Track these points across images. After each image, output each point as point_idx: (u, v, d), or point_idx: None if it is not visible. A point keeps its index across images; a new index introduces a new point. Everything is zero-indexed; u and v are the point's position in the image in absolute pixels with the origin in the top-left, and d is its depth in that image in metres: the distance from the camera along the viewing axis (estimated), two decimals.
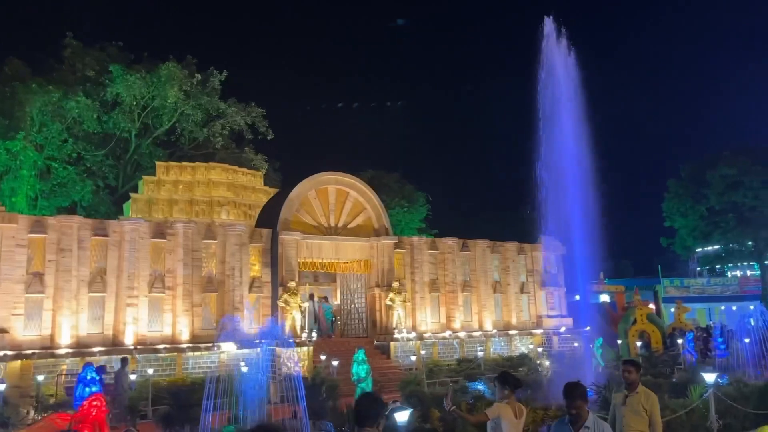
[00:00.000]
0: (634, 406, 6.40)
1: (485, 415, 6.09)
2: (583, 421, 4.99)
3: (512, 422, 6.00)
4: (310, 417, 12.51)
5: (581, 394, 5.07)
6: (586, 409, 5.06)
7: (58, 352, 19.33)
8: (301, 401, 13.12)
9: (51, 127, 33.37)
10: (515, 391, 6.19)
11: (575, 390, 5.09)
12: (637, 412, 6.35)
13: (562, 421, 5.20)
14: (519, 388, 6.31)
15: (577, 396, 5.03)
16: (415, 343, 25.31)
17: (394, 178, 46.07)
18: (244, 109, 39.75)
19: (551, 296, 31.14)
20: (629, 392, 6.52)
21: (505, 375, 6.31)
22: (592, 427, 4.94)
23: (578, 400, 5.00)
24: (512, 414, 6.01)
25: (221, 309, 22.77)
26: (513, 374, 6.45)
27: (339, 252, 25.90)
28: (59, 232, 20.24)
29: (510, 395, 6.12)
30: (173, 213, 31.65)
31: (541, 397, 14.68)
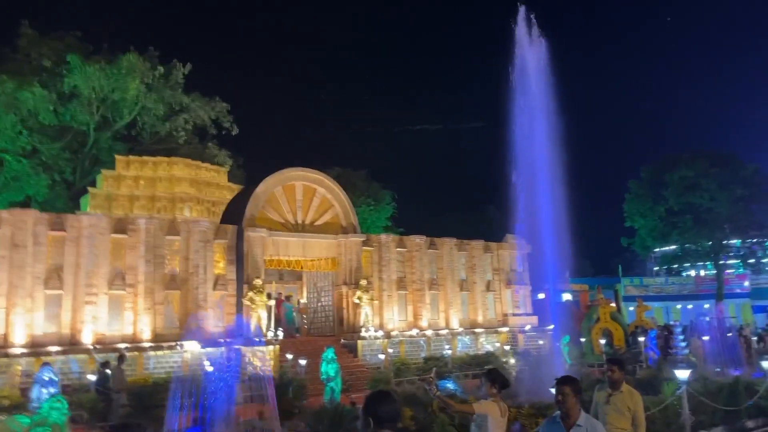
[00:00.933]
0: (617, 405, 6.33)
1: (471, 408, 5.93)
2: (574, 420, 4.86)
3: (498, 421, 5.86)
4: (280, 417, 12.22)
5: (571, 384, 4.96)
6: (577, 406, 4.93)
7: (12, 352, 18.49)
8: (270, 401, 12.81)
9: (4, 119, 32.06)
10: (501, 391, 6.05)
11: (564, 379, 5.00)
12: (621, 411, 6.29)
13: (553, 419, 5.07)
14: (507, 387, 6.17)
15: (565, 383, 4.93)
16: (382, 341, 25.13)
17: (361, 176, 45.84)
18: (208, 104, 38.98)
19: (517, 295, 31.37)
20: (613, 391, 6.45)
21: (494, 373, 6.16)
22: (584, 425, 4.82)
23: (565, 387, 4.89)
24: (498, 412, 5.88)
25: (185, 307, 22.18)
26: (502, 373, 6.31)
27: (306, 249, 25.54)
28: (13, 226, 19.38)
29: (497, 393, 5.98)
30: (134, 209, 30.77)
31: (511, 394, 14.68)
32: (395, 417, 3.35)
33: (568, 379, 5.09)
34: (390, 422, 3.29)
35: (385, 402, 3.35)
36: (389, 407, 3.34)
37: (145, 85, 36.38)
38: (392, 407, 3.34)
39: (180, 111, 38.69)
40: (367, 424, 3.30)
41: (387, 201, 46.86)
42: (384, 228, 43.31)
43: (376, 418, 3.32)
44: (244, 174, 41.91)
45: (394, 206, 47.56)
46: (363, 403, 3.43)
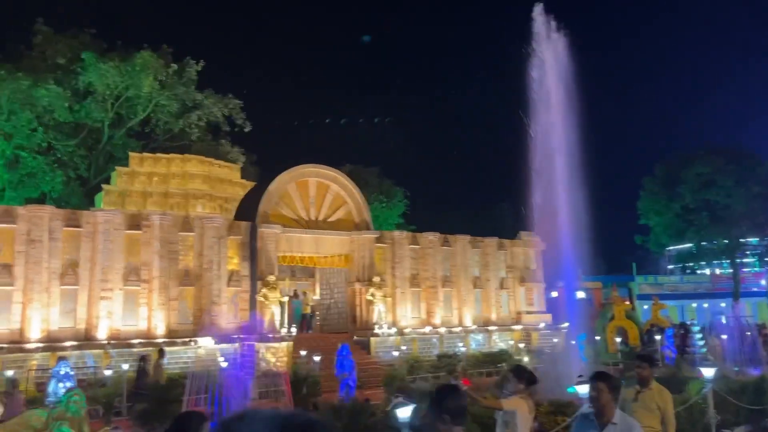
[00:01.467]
0: (646, 402, 6.17)
1: (500, 404, 5.82)
2: (609, 418, 4.69)
3: (526, 418, 5.74)
4: None
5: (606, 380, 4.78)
6: (612, 403, 4.77)
7: (28, 347, 18.60)
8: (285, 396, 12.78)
9: (20, 116, 32.19)
10: (529, 387, 5.92)
11: (599, 375, 4.83)
12: (650, 408, 6.12)
13: (585, 417, 4.92)
14: (534, 384, 6.05)
15: (600, 378, 4.76)
16: (395, 338, 25.05)
17: (373, 173, 45.73)
18: (221, 101, 38.94)
19: (530, 292, 31.16)
20: (642, 388, 6.29)
21: (521, 369, 6.05)
22: (619, 423, 4.66)
23: (600, 383, 4.72)
24: (527, 409, 5.76)
25: (198, 303, 22.20)
26: (529, 369, 6.17)
27: (319, 246, 25.49)
28: (29, 222, 19.48)
29: (525, 390, 5.86)
30: (147, 205, 30.82)
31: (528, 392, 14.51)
32: (464, 412, 3.20)
33: (603, 374, 4.93)
34: (459, 417, 3.15)
35: (454, 396, 3.20)
36: (458, 401, 3.19)
37: (159, 82, 36.43)
38: (461, 401, 3.19)
39: (193, 108, 38.71)
40: (441, 420, 3.12)
41: (399, 198, 46.75)
42: (396, 225, 43.16)
43: (447, 412, 3.15)
44: (256, 171, 41.90)
45: (406, 203, 47.42)
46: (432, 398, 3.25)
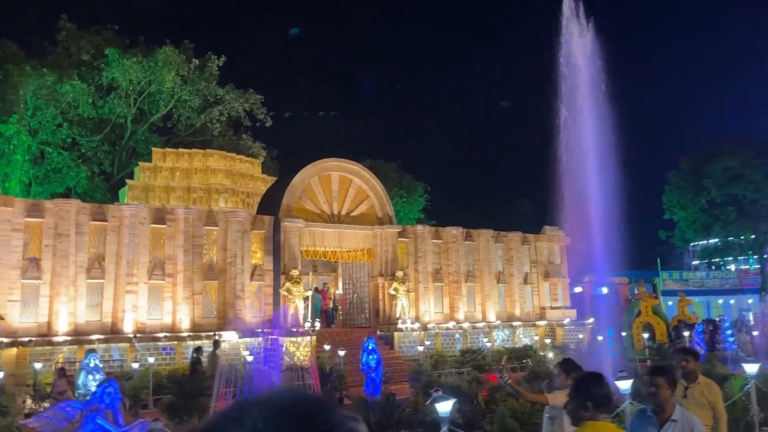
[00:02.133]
0: (696, 397, 5.91)
1: (545, 398, 5.61)
2: (669, 414, 4.46)
3: None
4: None
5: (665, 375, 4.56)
6: (671, 398, 4.54)
7: (56, 340, 18.76)
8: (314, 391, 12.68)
9: (45, 111, 32.55)
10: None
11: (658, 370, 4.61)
12: (701, 403, 5.86)
13: (642, 413, 4.71)
14: None
15: (659, 373, 4.54)
16: (419, 333, 24.89)
17: (393, 167, 45.55)
18: (242, 96, 39.01)
19: (555, 287, 30.82)
20: (689, 383, 6.03)
21: (569, 363, 5.84)
22: (680, 420, 4.42)
23: (659, 378, 4.49)
24: None
25: (222, 297, 22.24)
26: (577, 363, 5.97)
27: (342, 240, 25.40)
28: (56, 216, 19.62)
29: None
30: (170, 200, 30.99)
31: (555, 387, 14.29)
32: (610, 400, 3.11)
33: (661, 369, 4.71)
34: (605, 406, 3.08)
35: (599, 384, 3.14)
36: (604, 389, 3.13)
37: (181, 77, 36.59)
38: (607, 389, 3.14)
39: (215, 103, 38.84)
40: (585, 407, 3.06)
41: (419, 193, 46.54)
42: (416, 220, 42.97)
43: (594, 401, 3.11)
44: (277, 165, 41.98)
45: (427, 198, 47.19)
46: (575, 385, 3.21)
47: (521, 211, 55.85)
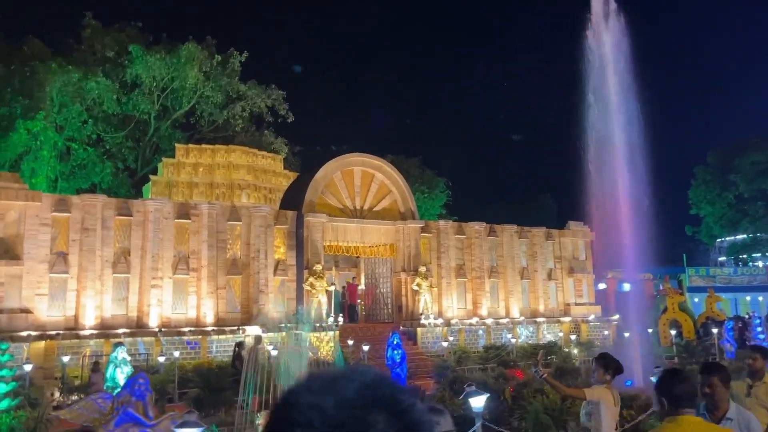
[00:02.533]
0: (761, 397, 5.63)
1: (583, 393, 5.46)
2: (723, 412, 4.26)
3: (611, 410, 5.39)
4: None
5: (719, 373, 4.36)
6: (726, 396, 4.34)
7: (83, 334, 18.96)
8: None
9: (71, 108, 32.94)
10: (615, 377, 5.56)
11: (712, 368, 4.42)
12: (765, 403, 5.60)
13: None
14: (621, 373, 5.67)
15: (713, 372, 4.35)
16: (442, 329, 24.75)
17: (414, 163, 45.37)
18: (264, 92, 39.10)
19: (579, 283, 30.46)
20: (754, 381, 5.76)
21: (607, 357, 5.68)
22: (735, 419, 4.22)
23: (713, 377, 4.30)
24: (612, 400, 5.40)
25: (246, 292, 22.31)
26: (615, 358, 5.80)
27: (364, 235, 25.33)
28: (83, 211, 19.82)
29: (611, 380, 5.50)
30: (193, 195, 31.20)
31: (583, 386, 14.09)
32: (694, 396, 3.05)
33: (715, 367, 4.50)
34: (689, 401, 2.97)
35: (681, 380, 3.03)
36: (686, 386, 3.07)
37: (204, 73, 36.78)
38: (689, 385, 3.02)
39: (237, 99, 38.99)
40: (662, 404, 2.97)
41: (441, 188, 46.32)
42: (438, 216, 42.78)
43: (672, 398, 3.06)
44: (299, 161, 42.05)
45: (448, 194, 46.95)
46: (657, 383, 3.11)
47: (544, 206, 55.36)
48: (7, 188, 18.61)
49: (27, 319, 18.18)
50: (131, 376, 7.07)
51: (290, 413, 1.05)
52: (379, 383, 1.09)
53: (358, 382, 1.08)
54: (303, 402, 1.05)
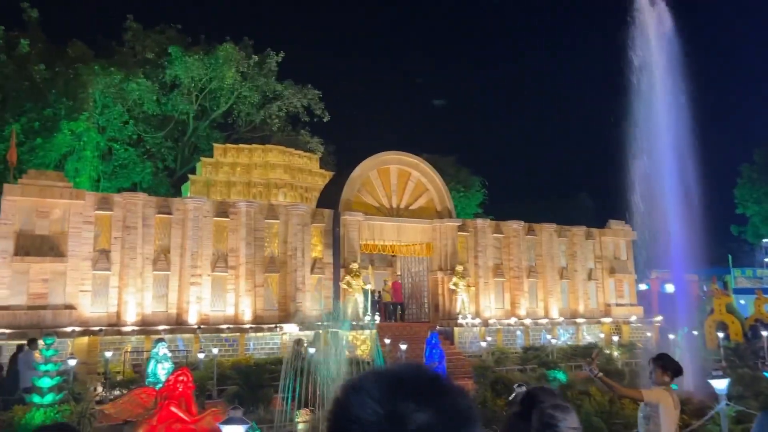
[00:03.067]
0: None
1: (640, 394, 5.19)
2: None
3: (671, 413, 5.10)
4: None
5: None
6: None
7: (124, 330, 19.26)
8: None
9: (113, 109, 33.61)
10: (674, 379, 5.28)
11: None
12: None
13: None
14: (680, 375, 5.38)
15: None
16: (479, 329, 24.42)
17: (450, 161, 44.96)
18: (300, 91, 39.30)
19: (620, 284, 29.74)
20: None
21: (666, 358, 5.39)
22: None
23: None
24: (672, 403, 5.12)
25: (283, 290, 22.37)
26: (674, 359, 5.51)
27: (401, 234, 25.16)
28: (125, 209, 20.14)
29: (670, 382, 5.21)
30: (231, 195, 31.53)
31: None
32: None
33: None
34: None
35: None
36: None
37: (241, 74, 37.15)
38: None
39: (273, 99, 39.28)
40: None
41: (477, 187, 45.82)
42: (474, 215, 42.31)
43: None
44: (334, 161, 42.13)
45: (485, 193, 46.42)
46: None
47: (581, 205, 54.37)
48: (53, 187, 19.03)
49: (71, 315, 18.54)
50: (173, 372, 7.03)
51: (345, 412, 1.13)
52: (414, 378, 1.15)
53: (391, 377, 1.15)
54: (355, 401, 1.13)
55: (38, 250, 18.53)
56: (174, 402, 6.65)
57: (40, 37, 33.16)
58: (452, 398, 1.14)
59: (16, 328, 17.48)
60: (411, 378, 1.15)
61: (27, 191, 18.64)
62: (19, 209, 18.57)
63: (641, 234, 29.51)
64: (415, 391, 1.12)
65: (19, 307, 18.13)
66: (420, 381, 1.14)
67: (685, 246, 17.61)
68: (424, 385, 1.14)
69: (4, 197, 18.54)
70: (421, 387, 1.13)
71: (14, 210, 18.50)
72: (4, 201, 18.51)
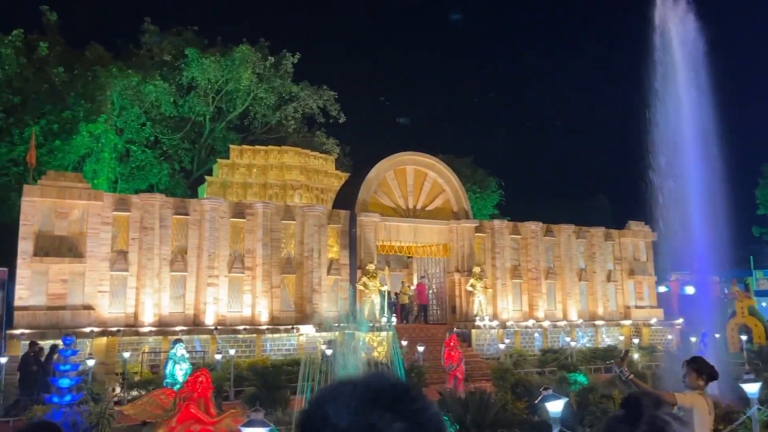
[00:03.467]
0: None
1: (673, 397, 5.00)
2: None
3: (705, 418, 4.91)
4: None
5: None
6: None
7: (142, 330, 19.30)
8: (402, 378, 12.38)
9: (130, 111, 33.81)
10: (709, 383, 5.09)
11: None
12: None
13: None
14: (715, 378, 5.19)
15: None
16: (497, 331, 24.20)
17: (466, 162, 44.72)
18: (316, 92, 39.29)
19: (640, 286, 29.34)
20: None
21: (700, 361, 5.21)
22: None
23: None
24: (706, 408, 4.93)
25: (300, 291, 22.32)
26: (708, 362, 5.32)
27: (417, 235, 25.01)
28: (142, 210, 20.20)
29: (704, 386, 5.03)
30: (247, 196, 31.58)
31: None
32: None
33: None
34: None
35: None
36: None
37: (257, 75, 37.21)
38: None
39: (289, 100, 39.32)
40: None
41: (493, 188, 45.54)
42: (490, 216, 42.04)
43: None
44: (350, 162, 42.05)
45: (501, 194, 46.11)
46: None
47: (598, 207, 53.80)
48: (71, 188, 19.13)
49: (89, 316, 18.62)
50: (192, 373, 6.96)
51: (322, 422, 1.15)
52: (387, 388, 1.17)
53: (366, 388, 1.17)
54: (332, 411, 1.15)
55: (57, 250, 18.64)
56: (193, 403, 6.57)
57: (59, 40, 33.48)
58: (424, 409, 1.18)
59: (35, 328, 17.59)
60: (386, 389, 1.18)
61: (46, 192, 18.76)
62: (38, 210, 18.70)
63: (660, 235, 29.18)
64: (392, 401, 1.15)
65: (39, 307, 18.25)
66: (395, 392, 1.18)
67: (707, 247, 17.30)
68: (400, 395, 1.17)
69: (23, 198, 18.68)
70: (396, 398, 1.16)
71: (33, 211, 18.63)
72: (24, 202, 18.64)
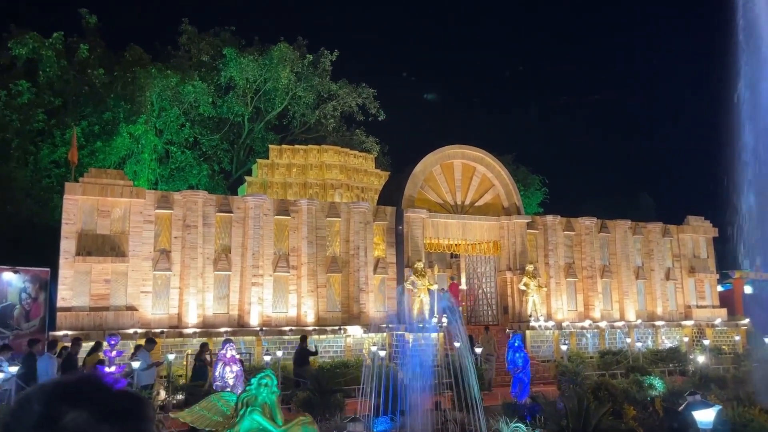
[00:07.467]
0: None
1: None
2: None
3: None
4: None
5: None
6: None
7: (186, 332, 18.68)
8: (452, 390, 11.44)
9: (169, 112, 33.58)
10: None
11: None
12: None
13: None
14: None
15: None
16: (553, 332, 22.96)
17: (508, 159, 43.42)
18: (354, 90, 38.55)
19: (701, 284, 27.70)
20: None
21: None
22: None
23: None
24: None
25: (346, 290, 21.48)
26: None
27: (466, 232, 23.94)
28: (185, 207, 19.62)
29: None
30: (287, 196, 30.95)
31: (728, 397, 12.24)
32: None
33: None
34: None
35: None
36: None
37: (295, 74, 36.66)
38: None
39: (328, 98, 38.67)
40: None
41: (536, 186, 44.17)
42: (534, 214, 40.67)
43: None
44: (389, 160, 41.20)
45: (545, 191, 44.70)
46: None
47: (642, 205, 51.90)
48: (113, 185, 18.66)
49: (133, 317, 18.08)
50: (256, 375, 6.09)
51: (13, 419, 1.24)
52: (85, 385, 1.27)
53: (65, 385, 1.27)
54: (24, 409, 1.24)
55: (100, 249, 18.17)
56: (258, 409, 5.69)
57: (99, 42, 33.44)
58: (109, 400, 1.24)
59: (78, 329, 17.11)
60: (71, 385, 1.27)
61: (88, 190, 18.31)
62: (80, 208, 18.26)
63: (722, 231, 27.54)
64: (72, 394, 1.23)
65: (82, 308, 17.78)
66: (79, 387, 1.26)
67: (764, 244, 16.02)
68: (85, 390, 1.25)
69: (65, 196, 18.27)
70: (79, 391, 1.24)
71: (75, 209, 18.19)
72: (66, 200, 18.22)
